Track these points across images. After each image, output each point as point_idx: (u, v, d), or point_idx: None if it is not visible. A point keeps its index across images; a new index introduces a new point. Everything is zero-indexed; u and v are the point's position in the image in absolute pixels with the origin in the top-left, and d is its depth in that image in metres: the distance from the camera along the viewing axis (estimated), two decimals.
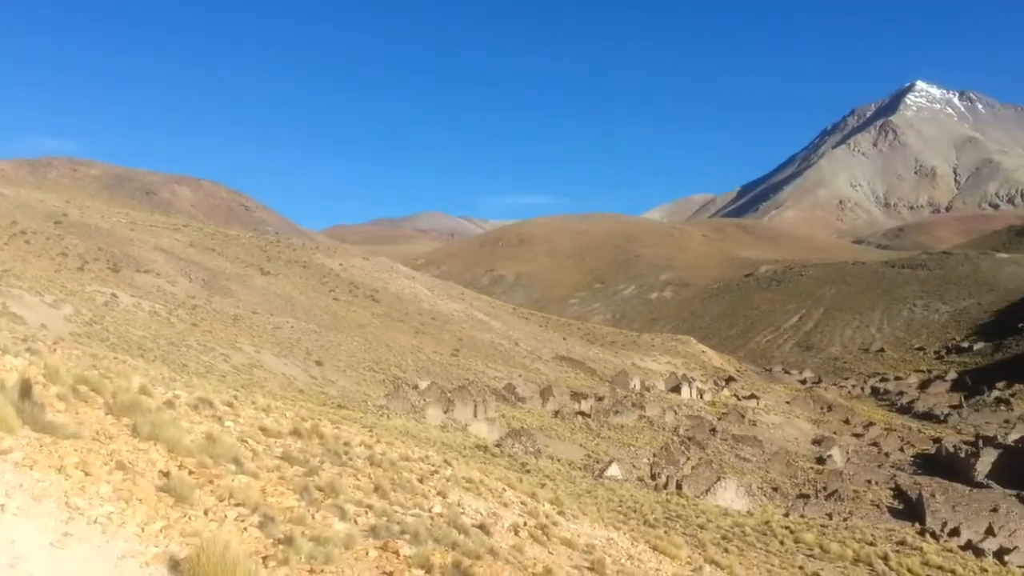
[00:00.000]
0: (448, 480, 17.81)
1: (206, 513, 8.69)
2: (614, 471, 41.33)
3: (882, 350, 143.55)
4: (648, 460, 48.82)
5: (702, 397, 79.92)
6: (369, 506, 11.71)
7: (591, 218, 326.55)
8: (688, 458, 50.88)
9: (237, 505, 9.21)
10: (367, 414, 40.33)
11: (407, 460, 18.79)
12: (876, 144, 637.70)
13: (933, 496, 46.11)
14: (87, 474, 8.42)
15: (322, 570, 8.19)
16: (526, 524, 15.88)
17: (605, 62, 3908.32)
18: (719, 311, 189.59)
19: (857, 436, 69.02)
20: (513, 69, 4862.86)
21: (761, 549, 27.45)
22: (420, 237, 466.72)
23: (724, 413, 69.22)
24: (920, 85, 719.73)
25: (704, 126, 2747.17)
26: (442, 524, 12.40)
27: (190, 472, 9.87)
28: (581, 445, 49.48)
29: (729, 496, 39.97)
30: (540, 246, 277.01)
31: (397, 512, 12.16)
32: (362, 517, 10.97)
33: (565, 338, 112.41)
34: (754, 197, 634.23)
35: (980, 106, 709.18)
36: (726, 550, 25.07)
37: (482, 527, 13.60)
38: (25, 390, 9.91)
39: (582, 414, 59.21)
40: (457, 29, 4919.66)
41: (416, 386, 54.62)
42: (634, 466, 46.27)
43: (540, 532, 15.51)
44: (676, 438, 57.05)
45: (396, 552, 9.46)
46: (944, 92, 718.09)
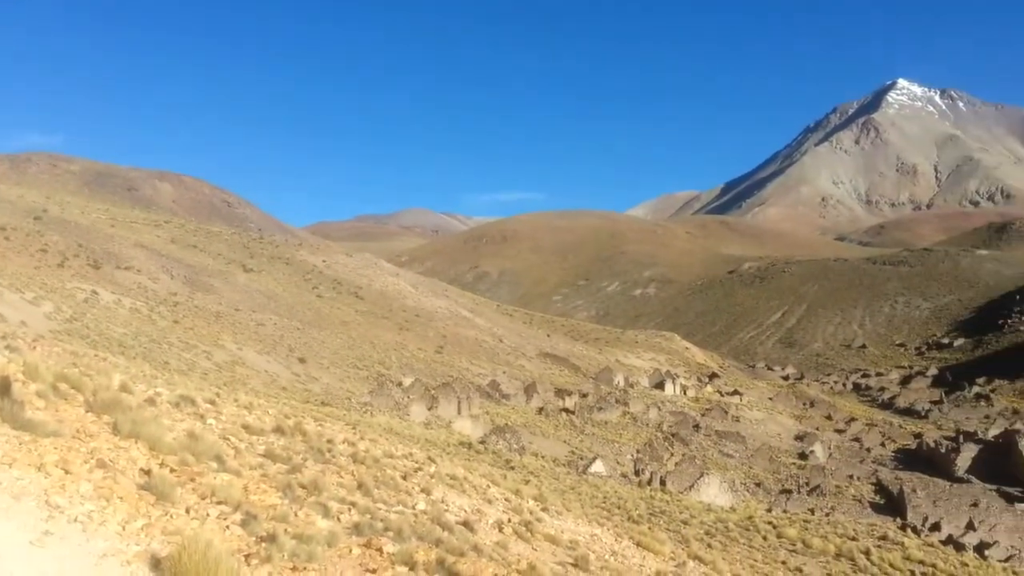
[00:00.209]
0: (432, 477, 17.78)
1: (188, 511, 8.64)
2: (598, 467, 41.38)
3: (864, 346, 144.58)
4: (632, 456, 48.92)
5: (685, 393, 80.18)
6: (352, 503, 11.67)
7: (575, 215, 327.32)
8: (672, 454, 50.99)
9: (219, 503, 9.16)
10: (350, 411, 40.22)
11: (391, 457, 18.74)
12: (858, 142, 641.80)
13: (914, 491, 46.43)
14: (67, 472, 8.35)
15: (305, 568, 8.15)
16: (510, 521, 15.87)
17: (593, 61, 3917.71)
18: (703, 308, 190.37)
19: (839, 432, 69.43)
20: (501, 66, 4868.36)
21: (744, 544, 27.57)
22: (404, 234, 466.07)
23: (707, 409, 69.46)
24: (902, 83, 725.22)
25: (689, 123, 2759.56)
26: (426, 521, 12.38)
27: (171, 470, 9.80)
28: (565, 442, 49.50)
29: (712, 492, 40.11)
30: (524, 243, 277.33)
31: (380, 509, 12.13)
32: (345, 515, 10.93)
33: (549, 335, 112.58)
34: (738, 194, 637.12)
35: (961, 104, 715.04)
36: (709, 545, 25.16)
37: (466, 524, 13.58)
38: (4, 388, 9.83)
39: (566, 411, 59.25)
40: (443, 25, 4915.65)
41: (400, 383, 54.54)
42: (618, 462, 46.34)
43: (524, 529, 15.50)
44: (660, 434, 57.20)
45: (379, 549, 9.43)
46: (926, 90, 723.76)
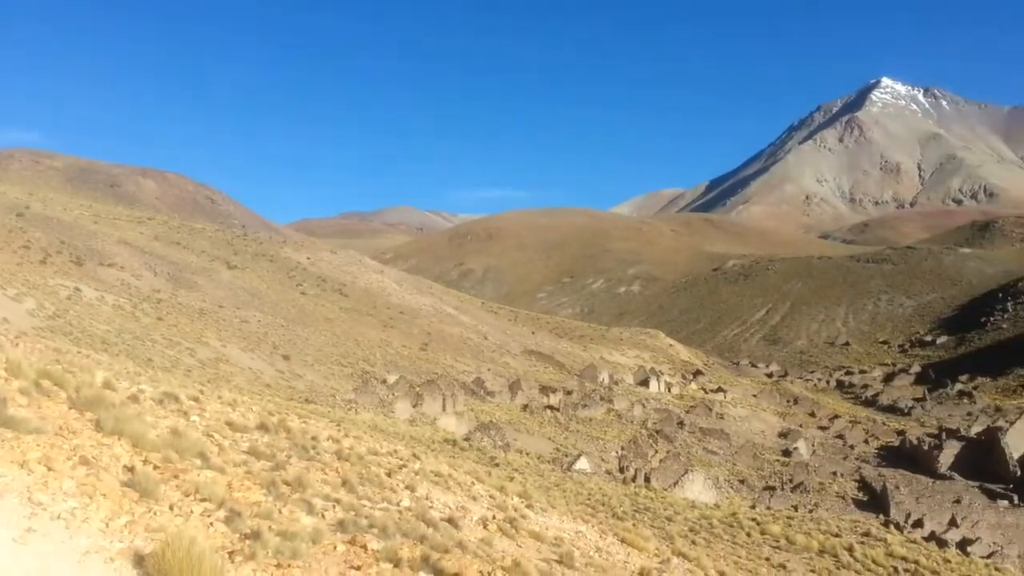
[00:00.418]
0: (416, 474, 17.78)
1: (171, 508, 8.61)
2: (583, 464, 41.46)
3: (847, 344, 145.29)
4: (616, 453, 49.03)
5: (670, 390, 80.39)
6: (337, 500, 11.66)
7: (560, 212, 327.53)
8: (656, 451, 51.13)
9: (203, 500, 9.13)
10: (335, 408, 40.16)
11: (375, 454, 18.73)
12: (842, 140, 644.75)
13: (897, 488, 46.77)
14: (50, 469, 8.31)
15: (289, 565, 8.13)
16: (495, 517, 15.89)
17: (580, 59, 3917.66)
18: (687, 305, 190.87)
19: (822, 429, 69.79)
20: (488, 64, 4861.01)
21: (728, 541, 27.69)
22: (389, 231, 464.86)
23: (692, 406, 69.70)
24: (886, 82, 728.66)
25: (673, 121, 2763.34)
26: (410, 518, 12.38)
27: (155, 467, 9.77)
28: (550, 439, 49.57)
29: (696, 489, 40.25)
30: (509, 240, 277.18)
31: (365, 506, 12.12)
32: (330, 511, 10.92)
33: (534, 332, 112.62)
34: (722, 192, 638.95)
35: (944, 103, 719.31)
36: (693, 542, 25.26)
37: (451, 521, 13.59)
38: None
39: (551, 408, 59.31)
40: (431, 18, 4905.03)
41: (385, 380, 54.47)
42: (602, 459, 46.44)
43: (509, 525, 15.52)
44: (644, 431, 57.35)
45: (364, 546, 9.42)
46: (909, 89, 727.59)
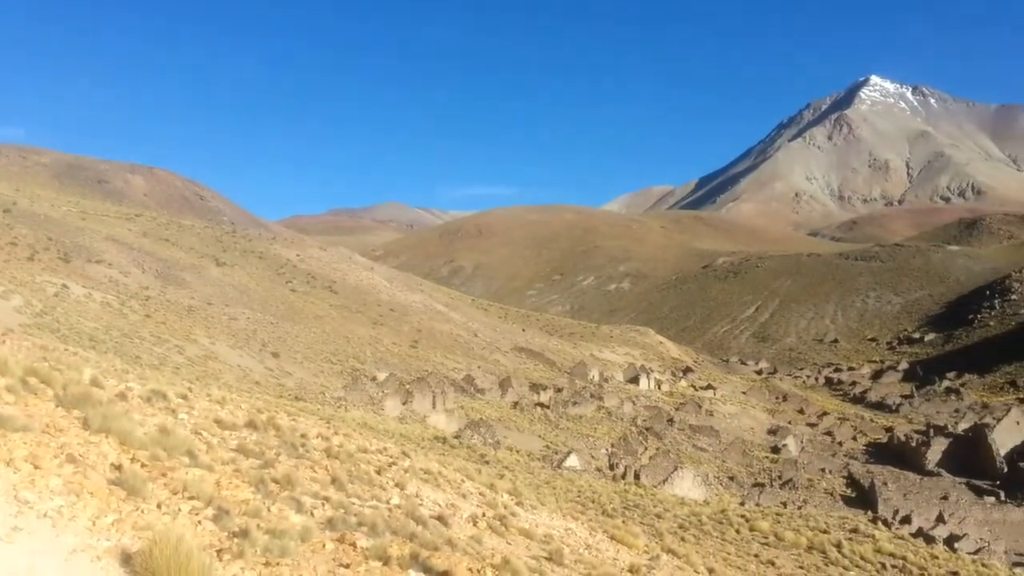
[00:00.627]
0: (406, 472, 17.75)
1: (159, 506, 8.56)
2: (572, 462, 41.53)
3: (836, 341, 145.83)
4: (606, 450, 49.12)
5: (660, 388, 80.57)
6: (326, 498, 11.63)
7: (550, 209, 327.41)
8: (646, 448, 51.25)
9: (191, 498, 9.09)
10: (324, 406, 40.12)
11: (365, 452, 18.69)
12: (831, 138, 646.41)
13: (885, 484, 47.00)
14: (37, 467, 8.25)
15: (278, 563, 8.10)
16: (484, 515, 15.89)
17: (570, 56, 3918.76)
18: (677, 302, 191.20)
19: (811, 426, 70.08)
20: (478, 61, 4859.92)
21: (717, 538, 27.77)
22: (379, 228, 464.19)
23: (681, 403, 69.86)
24: (875, 79, 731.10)
25: (663, 119, 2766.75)
26: (400, 516, 12.35)
27: (143, 465, 9.71)
28: (540, 436, 49.62)
29: (686, 485, 40.37)
30: (499, 237, 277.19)
31: (354, 504, 12.09)
32: (319, 509, 10.89)
33: (524, 329, 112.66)
34: (712, 189, 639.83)
35: (932, 100, 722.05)
36: (683, 539, 25.33)
37: (440, 518, 13.57)
38: None
39: (541, 405, 59.37)
40: (421, 16, 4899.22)
41: (374, 378, 54.42)
42: (592, 456, 46.53)
43: (498, 523, 15.52)
44: (634, 428, 57.45)
45: (353, 544, 9.39)
46: (898, 86, 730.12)
